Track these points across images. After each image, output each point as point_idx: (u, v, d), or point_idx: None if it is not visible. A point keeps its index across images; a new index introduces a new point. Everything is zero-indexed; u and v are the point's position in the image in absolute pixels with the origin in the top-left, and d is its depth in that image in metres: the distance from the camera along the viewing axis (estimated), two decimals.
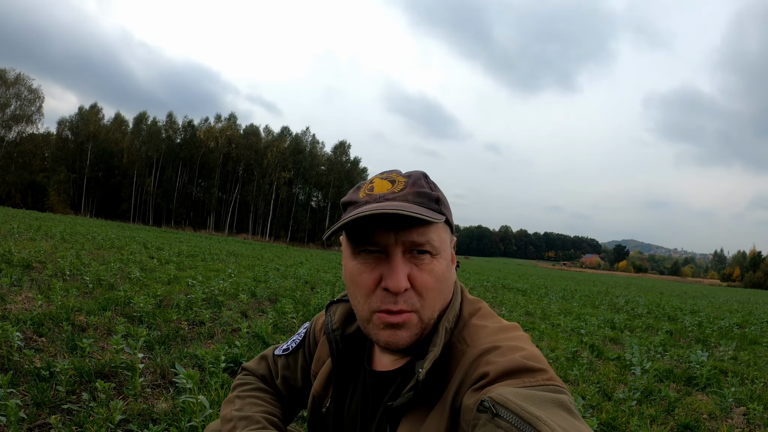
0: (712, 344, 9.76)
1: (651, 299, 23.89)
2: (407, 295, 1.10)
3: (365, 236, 1.12)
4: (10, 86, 68.81)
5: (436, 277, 1.12)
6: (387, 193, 1.15)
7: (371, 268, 1.13)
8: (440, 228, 1.15)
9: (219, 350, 4.11)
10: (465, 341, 1.13)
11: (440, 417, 1.04)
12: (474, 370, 1.03)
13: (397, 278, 1.08)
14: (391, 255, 1.10)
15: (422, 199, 1.14)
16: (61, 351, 4.36)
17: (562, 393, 0.92)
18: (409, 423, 1.09)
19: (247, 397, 1.49)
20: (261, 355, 1.67)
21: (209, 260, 17.55)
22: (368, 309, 1.15)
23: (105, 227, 34.98)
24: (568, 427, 0.78)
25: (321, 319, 1.55)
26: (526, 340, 1.12)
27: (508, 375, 0.96)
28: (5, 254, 9.71)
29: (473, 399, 0.94)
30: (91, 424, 2.95)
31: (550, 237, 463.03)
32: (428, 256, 1.12)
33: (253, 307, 8.22)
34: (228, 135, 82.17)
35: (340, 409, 1.38)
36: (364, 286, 1.14)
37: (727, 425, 4.67)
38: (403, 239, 1.09)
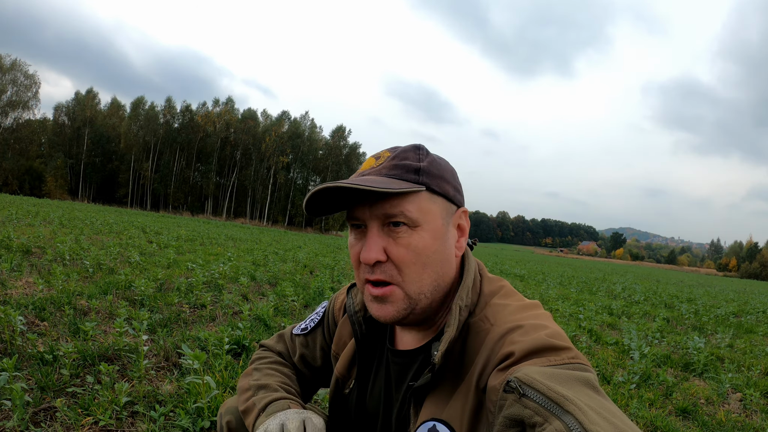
0: (708, 332, 9.81)
1: (648, 287, 23.97)
2: (384, 266, 1.11)
3: (350, 212, 1.15)
4: (6, 72, 68.34)
5: (415, 251, 1.10)
6: (367, 169, 1.17)
7: (357, 242, 1.16)
8: (422, 199, 1.11)
9: (222, 332, 4.12)
10: (488, 320, 1.12)
11: (465, 397, 1.04)
12: (498, 350, 1.02)
13: (368, 249, 1.10)
14: (368, 228, 1.12)
15: (397, 171, 1.12)
16: (63, 335, 4.37)
17: (588, 371, 0.92)
18: (433, 403, 1.09)
19: (265, 369, 1.51)
20: (279, 334, 1.68)
21: (208, 244, 17.56)
22: (359, 281, 1.18)
23: (103, 212, 34.92)
24: (594, 405, 0.78)
25: (339, 298, 1.55)
26: (548, 318, 1.11)
27: (533, 354, 0.95)
28: (4, 240, 9.69)
29: (499, 379, 0.94)
30: (96, 406, 2.96)
31: (547, 223, 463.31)
32: (405, 228, 1.10)
33: (253, 291, 8.23)
34: (226, 119, 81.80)
35: (363, 390, 1.39)
36: (353, 259, 1.18)
37: (724, 410, 4.72)
38: (377, 212, 1.10)
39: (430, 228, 1.13)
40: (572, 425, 0.73)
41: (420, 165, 1.14)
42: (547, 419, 0.76)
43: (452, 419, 1.04)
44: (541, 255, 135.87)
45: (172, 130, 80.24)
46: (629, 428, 0.74)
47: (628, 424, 0.76)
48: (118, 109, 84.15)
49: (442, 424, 1.05)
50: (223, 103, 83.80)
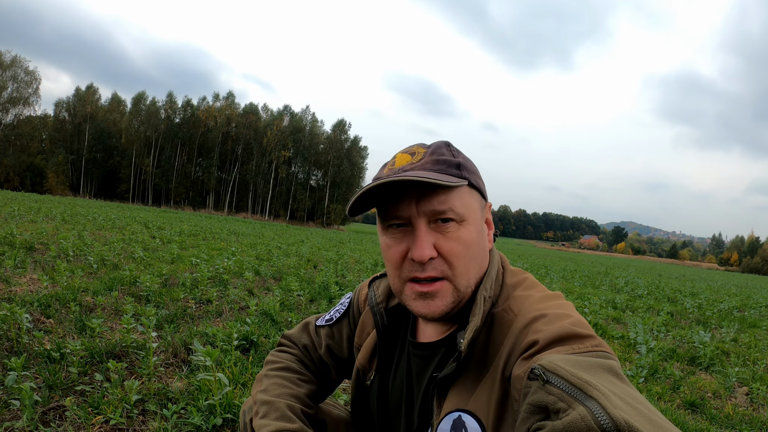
0: (713, 326, 9.82)
1: (650, 281, 23.98)
2: (435, 262, 1.12)
3: (390, 211, 1.14)
4: (6, 69, 68.49)
5: (464, 244, 1.13)
6: (406, 165, 1.16)
7: (398, 241, 1.15)
8: (464, 194, 1.15)
9: (231, 328, 4.12)
10: (512, 310, 1.14)
11: (491, 387, 1.05)
12: (523, 339, 1.04)
13: (421, 247, 1.10)
14: (416, 226, 1.12)
15: (440, 166, 1.14)
16: (70, 332, 4.37)
17: (611, 359, 0.93)
18: (457, 393, 1.10)
19: (274, 377, 1.51)
20: (304, 323, 1.69)
21: (211, 239, 17.58)
22: (399, 280, 1.18)
23: (105, 208, 34.96)
24: (617, 392, 0.79)
25: (364, 290, 1.57)
26: (571, 307, 1.12)
27: (557, 342, 0.97)
28: (7, 236, 9.70)
29: (523, 368, 0.95)
30: (106, 405, 2.94)
31: (548, 217, 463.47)
32: (453, 223, 1.12)
33: (258, 285, 8.24)
34: (227, 114, 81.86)
35: (384, 382, 1.40)
36: (393, 259, 1.17)
37: (731, 403, 4.74)
38: (425, 209, 1.10)
39: (474, 222, 1.17)
40: (596, 410, 0.73)
41: (459, 160, 1.18)
42: (571, 405, 0.77)
43: (478, 409, 1.05)
44: (543, 249, 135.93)
45: (173, 126, 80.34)
46: (653, 414, 0.75)
47: (652, 410, 0.77)
48: (118, 104, 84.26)
49: (467, 415, 1.06)
50: (224, 98, 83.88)
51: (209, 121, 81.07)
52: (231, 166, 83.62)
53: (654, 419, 0.73)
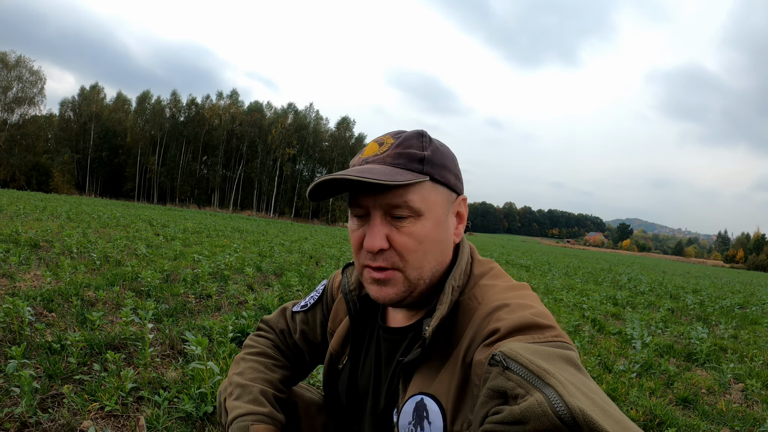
0: (713, 322, 9.76)
1: (654, 278, 23.87)
2: (387, 254, 1.14)
3: (353, 199, 1.17)
4: (11, 69, 68.61)
5: (417, 239, 1.14)
6: (370, 156, 1.18)
7: (358, 227, 1.19)
8: (425, 188, 1.14)
9: (227, 320, 4.17)
10: (476, 299, 1.16)
11: (452, 372, 1.08)
12: (485, 326, 1.06)
13: (372, 239, 1.13)
14: (371, 216, 1.15)
15: (401, 160, 1.14)
16: (71, 325, 4.43)
17: (570, 350, 0.95)
18: (421, 377, 1.13)
19: (250, 361, 1.56)
20: (282, 308, 1.73)
21: (214, 236, 17.63)
22: (359, 264, 1.22)
23: (110, 206, 35.02)
24: (575, 381, 0.81)
25: (338, 277, 1.60)
26: (535, 298, 1.15)
27: (517, 331, 0.99)
28: (12, 234, 9.75)
29: (484, 354, 0.98)
30: (102, 392, 3.02)
31: (554, 214, 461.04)
32: (409, 218, 1.13)
33: (258, 281, 8.29)
34: (231, 112, 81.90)
35: (355, 366, 1.44)
36: (353, 244, 1.21)
37: (725, 400, 4.71)
38: (381, 202, 1.12)
39: (432, 217, 1.16)
40: (552, 397, 0.75)
41: (424, 154, 1.16)
42: (529, 391, 0.79)
43: (439, 393, 1.08)
44: (548, 246, 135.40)
45: (178, 124, 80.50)
46: (608, 405, 0.78)
47: (608, 401, 0.80)
48: (123, 103, 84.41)
49: (429, 398, 1.09)
50: (228, 96, 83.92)
51: (214, 119, 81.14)
52: (236, 163, 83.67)
53: (608, 410, 0.76)
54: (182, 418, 2.93)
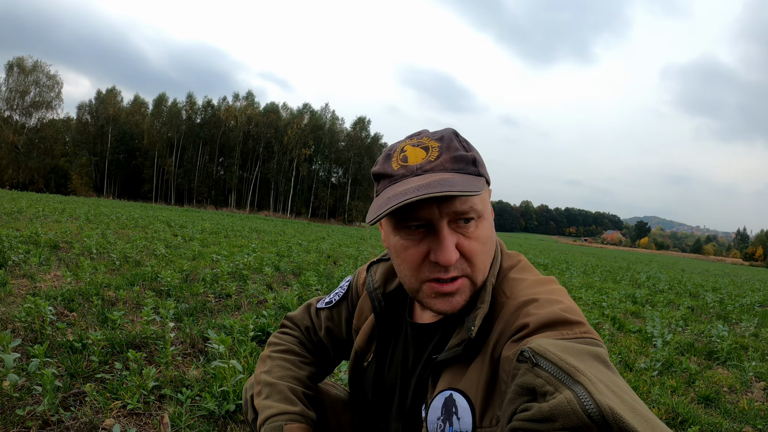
0: (733, 321, 9.64)
1: (672, 276, 23.70)
2: (457, 262, 1.10)
3: (408, 212, 1.08)
4: (28, 74, 69.57)
5: (482, 242, 1.13)
6: (423, 163, 1.11)
7: (417, 243, 1.11)
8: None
9: (247, 319, 4.19)
10: (504, 293, 1.15)
11: (481, 368, 1.07)
12: (513, 322, 1.05)
13: (447, 252, 1.06)
14: (438, 228, 1.08)
15: (460, 164, 1.11)
16: (92, 324, 4.47)
17: (599, 346, 0.94)
18: (450, 373, 1.12)
19: (277, 359, 1.56)
20: (306, 305, 1.73)
21: (232, 237, 17.72)
22: (417, 281, 1.14)
23: (128, 208, 35.33)
24: (604, 379, 0.80)
25: (362, 275, 1.59)
26: (563, 293, 1.13)
27: (546, 326, 0.99)
28: (32, 236, 9.86)
29: (513, 350, 0.97)
30: (125, 390, 3.04)
31: (571, 213, 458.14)
32: (473, 222, 1.11)
33: (277, 281, 8.32)
34: (248, 114, 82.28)
35: (381, 363, 1.43)
36: (410, 260, 1.13)
37: (747, 398, 4.66)
38: (447, 210, 1.07)
39: (488, 217, 1.17)
40: (582, 395, 0.75)
41: (473, 155, 1.14)
42: (558, 389, 0.79)
43: (468, 389, 1.07)
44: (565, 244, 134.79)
45: (194, 126, 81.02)
46: (637, 403, 0.77)
47: (636, 399, 0.79)
48: (140, 106, 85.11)
49: (458, 393, 1.08)
50: (244, 98, 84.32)
51: (230, 120, 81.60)
52: (252, 164, 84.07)
53: (638, 408, 0.75)
54: (205, 416, 2.94)
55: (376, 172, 1.19)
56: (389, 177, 1.14)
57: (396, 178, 1.12)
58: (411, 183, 1.07)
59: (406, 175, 1.11)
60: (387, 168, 1.16)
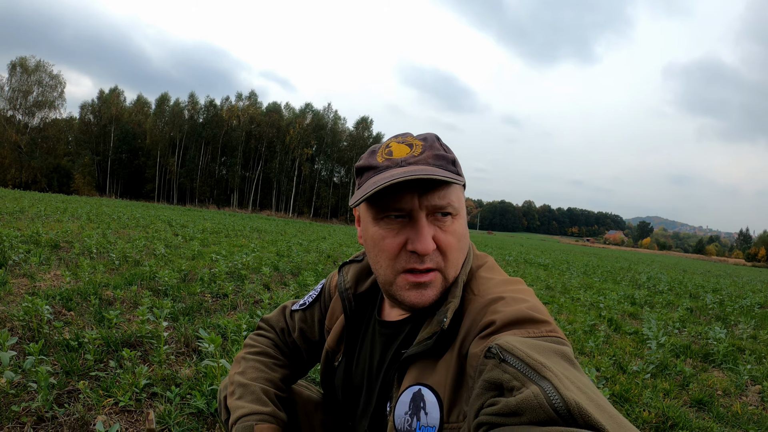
0: (732, 322, 9.62)
1: (673, 276, 23.63)
2: (432, 254, 1.15)
3: (389, 202, 1.15)
4: (31, 73, 69.76)
5: (457, 237, 1.18)
6: (407, 157, 1.17)
7: (395, 233, 1.16)
8: (458, 189, 1.20)
9: (241, 319, 4.22)
10: (472, 290, 1.19)
11: (449, 364, 1.09)
12: (480, 319, 1.08)
13: (425, 241, 1.12)
14: (416, 219, 1.14)
15: (441, 162, 1.17)
16: (89, 323, 4.50)
17: (564, 345, 0.97)
18: (418, 369, 1.15)
19: (251, 360, 1.59)
20: (282, 307, 1.76)
21: (233, 236, 17.75)
22: (393, 271, 1.18)
23: (130, 207, 35.33)
24: (570, 376, 0.82)
25: (335, 277, 1.63)
26: (530, 293, 1.17)
27: (513, 324, 1.01)
28: (33, 235, 9.89)
29: (480, 346, 1.00)
30: (117, 388, 3.08)
31: (573, 212, 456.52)
32: (449, 217, 1.16)
33: (275, 280, 8.34)
34: (250, 113, 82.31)
35: (350, 362, 1.47)
36: (388, 250, 1.17)
37: (741, 402, 4.63)
38: (427, 203, 1.13)
39: (462, 215, 1.22)
40: (549, 390, 0.77)
41: (453, 157, 1.22)
42: (525, 384, 0.81)
43: (437, 384, 1.09)
44: (567, 244, 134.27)
45: (196, 125, 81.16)
46: (601, 400, 0.80)
47: (600, 397, 0.81)
48: (143, 106, 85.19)
49: (426, 389, 1.10)
50: (247, 98, 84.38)
51: (232, 120, 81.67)
52: (254, 164, 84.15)
53: (602, 405, 0.78)
54: (193, 414, 2.98)
55: (360, 166, 1.24)
56: (374, 168, 1.19)
57: (380, 169, 1.17)
58: (395, 171, 1.12)
59: (390, 166, 1.17)
60: (372, 161, 1.21)
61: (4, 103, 69.02)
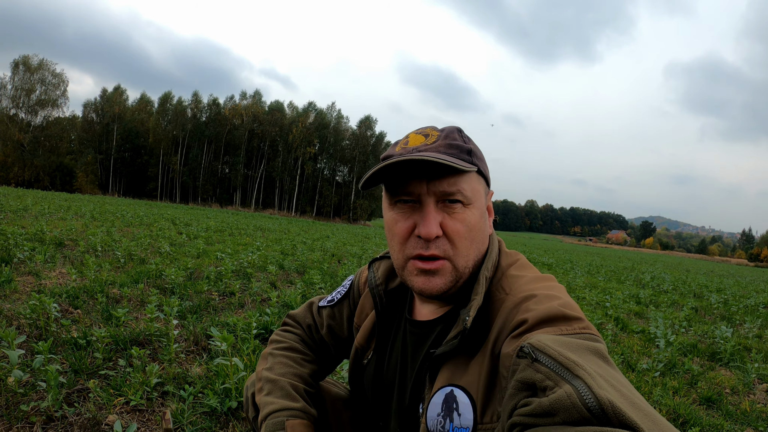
0: (737, 322, 9.63)
1: (677, 276, 23.63)
2: (439, 241, 1.16)
3: (400, 187, 1.18)
4: (34, 72, 69.86)
5: (468, 226, 1.17)
6: (420, 145, 1.19)
7: (406, 217, 1.19)
8: (472, 179, 1.19)
9: (251, 317, 4.21)
10: (504, 290, 1.17)
11: (481, 364, 1.08)
12: (513, 318, 1.07)
13: (428, 225, 1.13)
14: (424, 204, 1.16)
15: (454, 150, 1.18)
16: (96, 321, 4.49)
17: (598, 342, 0.95)
18: (450, 369, 1.13)
19: (279, 356, 1.58)
20: (308, 303, 1.75)
21: (237, 235, 17.77)
22: (403, 256, 1.21)
23: (133, 206, 35.41)
24: (603, 373, 0.81)
25: (365, 273, 1.62)
26: (561, 290, 1.15)
27: (545, 322, 1.00)
28: (38, 233, 9.91)
29: (512, 346, 0.98)
30: (128, 387, 3.06)
31: (576, 212, 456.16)
32: (460, 205, 1.16)
33: (281, 279, 8.35)
34: (253, 112, 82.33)
35: (381, 360, 1.45)
36: (399, 234, 1.20)
37: (749, 400, 4.64)
38: (435, 189, 1.14)
39: (478, 206, 1.21)
40: (582, 389, 0.75)
41: (470, 147, 1.22)
42: (558, 383, 0.79)
43: (469, 385, 1.08)
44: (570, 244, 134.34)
45: (199, 124, 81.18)
46: (636, 398, 0.78)
47: (636, 394, 0.79)
48: (146, 104, 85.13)
49: (459, 390, 1.09)
50: (251, 96, 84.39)
51: (235, 119, 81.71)
52: (257, 163, 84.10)
53: (636, 402, 0.76)
54: (207, 413, 2.97)
55: (383, 156, 1.25)
56: (390, 156, 1.20)
57: (394, 157, 1.17)
58: (404, 157, 1.12)
59: (402, 153, 1.18)
60: (390, 151, 1.24)
61: (7, 102, 69.17)
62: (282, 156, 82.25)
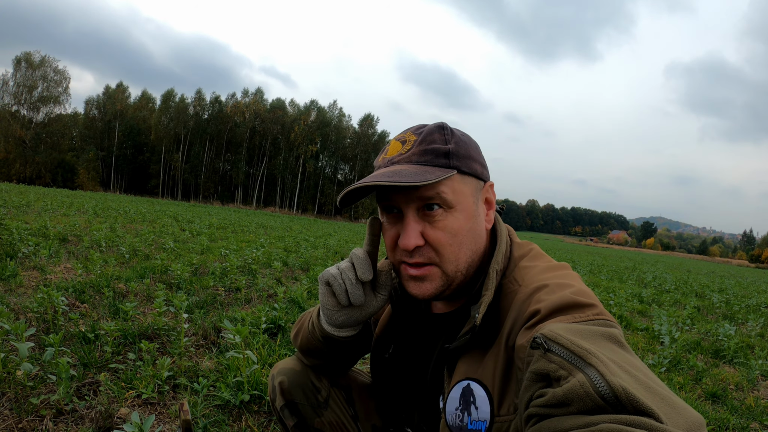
0: (739, 321, 9.63)
1: (679, 276, 23.63)
2: (423, 250, 1.16)
3: (383, 199, 1.20)
4: (36, 68, 69.96)
5: (451, 233, 1.15)
6: (395, 156, 1.19)
7: (392, 226, 1.22)
8: (454, 180, 1.16)
9: (260, 312, 4.22)
10: (516, 281, 1.17)
11: (497, 357, 1.09)
12: (525, 309, 1.07)
13: (407, 237, 1.14)
14: (405, 214, 1.17)
15: (428, 156, 1.16)
16: (103, 316, 4.49)
17: (612, 327, 0.95)
18: (466, 363, 1.14)
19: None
20: None
21: (239, 232, 17.79)
22: (395, 261, 1.24)
23: (135, 202, 35.43)
24: (617, 359, 0.81)
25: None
26: (575, 278, 1.15)
27: (558, 311, 1.00)
28: (41, 229, 9.91)
29: (526, 337, 0.99)
30: (139, 380, 3.07)
31: (577, 212, 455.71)
32: (441, 210, 1.15)
33: (286, 275, 8.34)
34: (254, 110, 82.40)
35: (399, 352, 1.46)
36: (388, 242, 1.24)
37: (753, 396, 4.65)
38: (412, 197, 1.14)
39: (463, 208, 1.18)
40: (594, 377, 0.76)
41: (449, 148, 1.17)
42: (571, 372, 0.80)
43: (485, 378, 1.09)
44: (571, 244, 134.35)
45: (201, 122, 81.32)
46: (651, 381, 0.78)
47: (651, 377, 0.80)
48: (148, 101, 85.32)
49: (475, 383, 1.10)
50: (252, 94, 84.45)
51: (237, 116, 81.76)
52: (259, 160, 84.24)
53: (651, 386, 0.76)
54: (219, 405, 2.97)
55: (374, 164, 1.29)
56: (375, 169, 1.25)
57: (374, 170, 1.23)
58: (377, 173, 1.16)
59: (380, 166, 1.22)
60: (376, 161, 1.28)
61: (9, 98, 69.30)
62: (283, 154, 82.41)
